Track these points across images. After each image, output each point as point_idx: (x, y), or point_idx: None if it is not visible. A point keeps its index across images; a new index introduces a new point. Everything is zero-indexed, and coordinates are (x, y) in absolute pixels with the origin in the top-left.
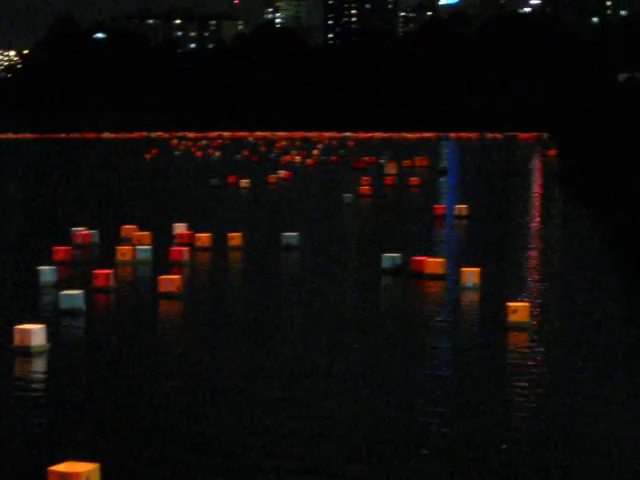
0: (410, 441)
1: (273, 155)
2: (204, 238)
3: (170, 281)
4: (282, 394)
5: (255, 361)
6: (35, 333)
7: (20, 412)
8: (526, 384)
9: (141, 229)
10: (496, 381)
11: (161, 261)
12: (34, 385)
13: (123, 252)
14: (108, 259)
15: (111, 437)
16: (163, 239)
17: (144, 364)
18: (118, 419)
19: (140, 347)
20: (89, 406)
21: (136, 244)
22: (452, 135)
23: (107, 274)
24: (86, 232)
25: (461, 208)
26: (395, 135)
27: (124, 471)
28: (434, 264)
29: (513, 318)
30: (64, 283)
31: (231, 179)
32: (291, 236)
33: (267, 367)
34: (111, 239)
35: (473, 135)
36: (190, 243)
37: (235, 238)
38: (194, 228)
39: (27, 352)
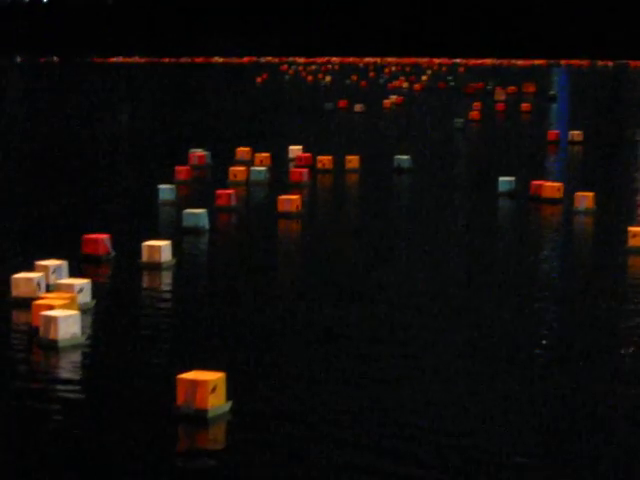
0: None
1: (382, 80)
2: (325, 160)
3: (289, 201)
4: (400, 300)
5: (375, 277)
6: (163, 249)
7: (150, 321)
8: None
9: (256, 151)
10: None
11: (276, 182)
12: (163, 297)
13: (235, 173)
14: (222, 179)
15: (235, 347)
16: (279, 161)
17: (265, 279)
18: (241, 330)
19: (261, 263)
20: (213, 319)
21: (254, 165)
22: (562, 62)
23: (229, 194)
24: (201, 153)
25: (575, 134)
26: (505, 62)
27: (248, 380)
28: (552, 188)
29: (633, 243)
30: (184, 202)
31: (342, 103)
32: (404, 159)
33: (384, 281)
34: (225, 160)
35: (584, 62)
36: (309, 165)
37: (352, 161)
38: (311, 151)
39: (156, 267)
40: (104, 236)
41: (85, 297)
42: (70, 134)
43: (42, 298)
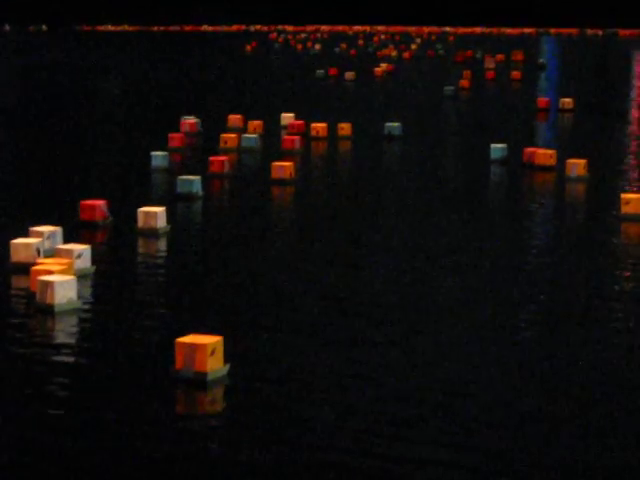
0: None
1: (371, 49)
2: (319, 128)
3: (283, 168)
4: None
5: (369, 241)
6: (159, 215)
7: (147, 287)
8: None
9: (247, 118)
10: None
11: (268, 149)
12: (158, 263)
13: (226, 140)
14: (213, 147)
15: (232, 310)
16: (270, 128)
17: (261, 244)
18: (237, 294)
19: (254, 229)
20: (209, 283)
21: (246, 133)
22: (552, 31)
23: (222, 160)
24: (192, 120)
25: (565, 101)
26: (494, 30)
27: (245, 343)
28: (545, 155)
29: (626, 210)
30: (177, 169)
31: (332, 71)
32: (394, 127)
33: (379, 242)
34: (216, 127)
35: (573, 31)
36: (301, 132)
37: (344, 128)
38: (303, 118)
39: (151, 233)
40: (101, 202)
41: (84, 262)
42: (62, 102)
43: (40, 264)
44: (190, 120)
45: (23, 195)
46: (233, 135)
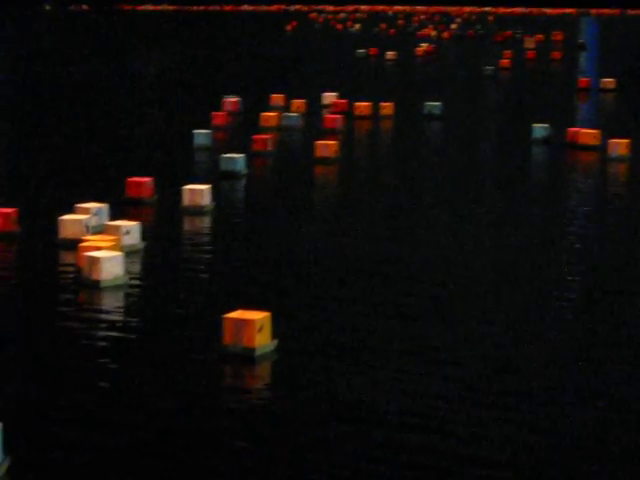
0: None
1: (410, 29)
2: (362, 107)
3: (327, 146)
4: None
5: (409, 217)
6: (204, 193)
7: (194, 263)
8: None
9: (290, 97)
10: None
11: (309, 128)
12: (204, 240)
13: (267, 118)
14: (254, 125)
15: (278, 287)
16: (313, 107)
17: (305, 220)
18: (283, 270)
19: (297, 207)
20: (256, 260)
21: (291, 111)
22: (592, 11)
23: (265, 139)
24: (234, 99)
25: (607, 81)
26: (535, 10)
27: (290, 319)
28: (588, 135)
29: None
30: (220, 147)
31: (373, 51)
32: (434, 106)
33: (418, 222)
34: (257, 106)
35: (614, 11)
36: (344, 111)
37: (386, 107)
38: (345, 97)
39: (197, 211)
40: (148, 179)
41: (133, 239)
42: (105, 81)
43: (87, 240)
44: (232, 99)
45: (69, 172)
46: (274, 114)
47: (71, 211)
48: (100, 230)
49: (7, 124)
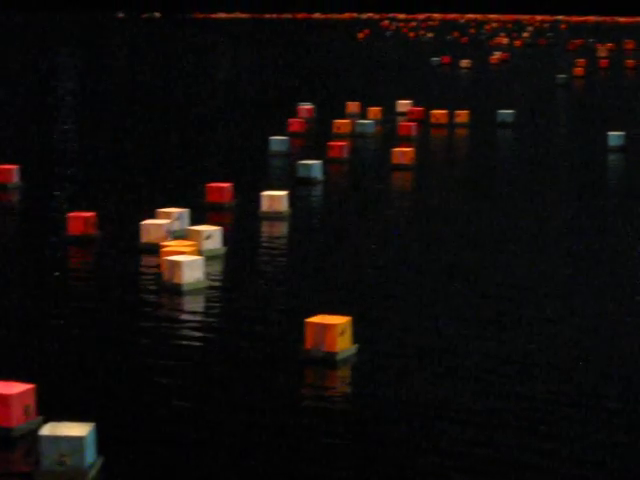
0: None
1: (482, 37)
2: (438, 114)
3: (403, 153)
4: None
5: (487, 223)
6: (283, 199)
7: (274, 268)
8: None
9: (366, 105)
10: None
11: (383, 135)
12: (283, 245)
13: (339, 125)
14: (326, 132)
15: (358, 291)
16: (387, 115)
17: (382, 226)
18: (362, 275)
19: (376, 212)
20: (335, 265)
21: (365, 119)
22: None
23: (341, 146)
24: (309, 107)
25: None
26: (608, 19)
27: (373, 324)
28: None
29: None
30: (296, 153)
31: (445, 59)
32: (507, 114)
33: (496, 227)
34: (332, 113)
35: None
36: (420, 118)
37: (461, 115)
38: (419, 105)
39: (275, 216)
40: (228, 185)
41: (214, 243)
42: (181, 88)
43: (168, 245)
44: (306, 106)
45: (150, 178)
46: (347, 121)
47: (152, 216)
48: (182, 235)
49: (85, 130)
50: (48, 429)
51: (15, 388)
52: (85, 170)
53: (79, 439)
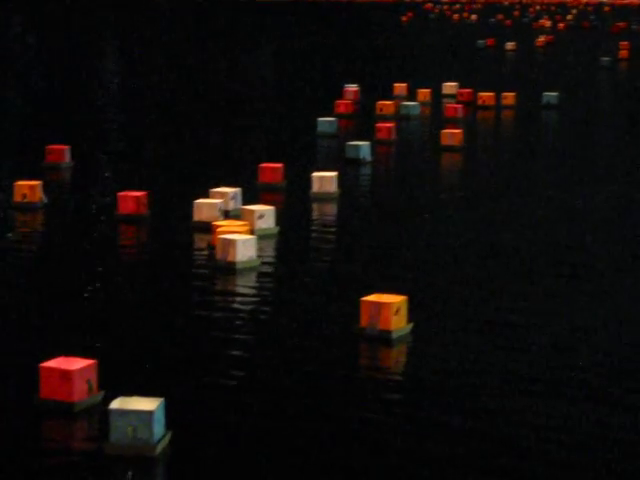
0: None
1: (526, 19)
2: (485, 97)
3: (452, 135)
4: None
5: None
6: (333, 180)
7: (325, 251)
8: None
9: (412, 87)
10: None
11: (429, 117)
12: (334, 225)
13: (382, 107)
14: (370, 114)
15: (411, 271)
16: (435, 97)
17: (432, 207)
18: (417, 254)
19: (426, 194)
20: (388, 245)
21: (417, 101)
22: None
23: (389, 127)
24: (355, 88)
25: None
26: None
27: (426, 302)
28: None
29: None
30: (344, 134)
31: (490, 42)
32: (552, 96)
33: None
34: (378, 95)
35: None
36: (469, 101)
37: (507, 97)
38: (467, 87)
39: (326, 197)
40: (279, 165)
41: (267, 223)
42: (229, 69)
43: (220, 225)
44: (352, 88)
45: (202, 158)
46: (389, 102)
47: (206, 195)
48: (235, 214)
49: (139, 113)
50: (118, 403)
51: (77, 364)
52: (136, 150)
53: (148, 413)
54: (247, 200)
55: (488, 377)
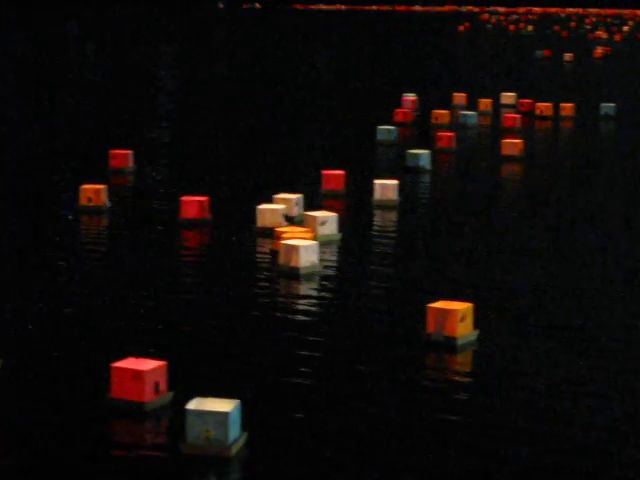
0: None
1: (582, 31)
2: (542, 107)
3: (512, 145)
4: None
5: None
6: (394, 188)
7: (388, 255)
8: None
9: (471, 97)
10: None
11: (486, 127)
12: (395, 231)
13: (437, 116)
14: (426, 123)
15: (478, 278)
16: (494, 106)
17: (490, 217)
18: (481, 261)
19: (487, 202)
20: (449, 253)
21: (476, 110)
22: None
23: (449, 136)
24: (413, 97)
25: None
26: None
27: (492, 310)
28: None
29: None
30: (403, 143)
31: (546, 52)
32: (609, 107)
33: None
34: (439, 105)
35: None
36: (529, 111)
37: (566, 108)
38: (524, 97)
39: (388, 205)
40: (341, 172)
41: (329, 229)
42: (286, 78)
43: (283, 231)
44: (411, 97)
45: (264, 165)
46: (445, 111)
47: (269, 201)
48: (298, 220)
49: (196, 122)
50: (194, 403)
51: (148, 364)
52: (199, 155)
53: (224, 414)
54: (309, 207)
55: (556, 379)
